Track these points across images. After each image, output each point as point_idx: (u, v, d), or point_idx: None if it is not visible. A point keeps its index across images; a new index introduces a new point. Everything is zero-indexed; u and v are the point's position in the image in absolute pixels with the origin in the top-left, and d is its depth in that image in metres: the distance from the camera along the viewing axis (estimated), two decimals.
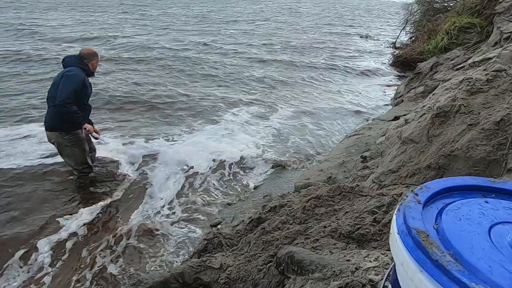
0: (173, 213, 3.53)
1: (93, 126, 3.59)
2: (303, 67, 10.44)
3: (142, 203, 3.61)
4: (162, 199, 3.71)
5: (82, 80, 3.27)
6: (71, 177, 3.82)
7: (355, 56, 12.86)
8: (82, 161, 3.56)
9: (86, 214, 3.33)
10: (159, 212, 3.50)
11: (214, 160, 4.48)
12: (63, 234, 3.06)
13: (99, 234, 3.12)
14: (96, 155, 4.01)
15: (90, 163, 3.68)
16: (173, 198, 3.76)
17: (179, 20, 20.74)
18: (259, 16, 26.23)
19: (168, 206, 3.60)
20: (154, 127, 5.45)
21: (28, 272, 2.69)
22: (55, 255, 2.85)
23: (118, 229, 3.18)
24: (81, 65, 3.36)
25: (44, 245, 2.92)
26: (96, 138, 3.64)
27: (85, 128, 3.39)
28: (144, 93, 6.88)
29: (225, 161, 4.46)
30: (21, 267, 2.72)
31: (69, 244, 2.98)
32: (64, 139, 3.36)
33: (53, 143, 3.45)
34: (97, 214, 3.36)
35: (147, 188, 3.87)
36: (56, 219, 3.22)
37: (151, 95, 6.82)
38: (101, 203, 3.50)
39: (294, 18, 26.55)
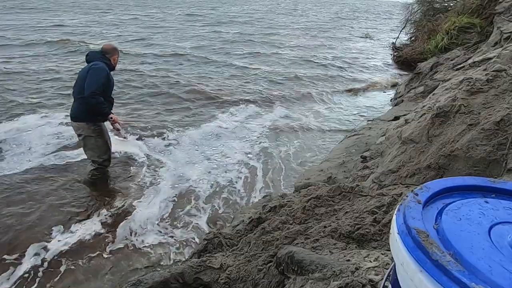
0: (171, 216, 3.53)
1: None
2: (298, 74, 9.63)
3: (141, 207, 3.59)
4: (161, 203, 3.70)
5: (107, 73, 3.49)
6: (77, 176, 3.86)
7: (354, 57, 12.82)
8: (104, 153, 3.73)
9: (86, 219, 3.33)
10: (156, 217, 3.48)
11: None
12: (60, 239, 3.05)
13: (96, 242, 3.10)
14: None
15: (110, 157, 3.85)
16: (170, 204, 3.73)
17: (168, 21, 19.55)
18: (255, 17, 25.58)
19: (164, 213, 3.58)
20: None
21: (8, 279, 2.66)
22: (49, 262, 2.83)
23: (114, 236, 3.17)
24: (104, 60, 3.56)
25: (34, 251, 2.89)
26: (118, 130, 3.80)
27: (111, 118, 3.59)
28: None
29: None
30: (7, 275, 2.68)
31: (66, 249, 2.97)
32: (90, 129, 3.55)
33: (79, 135, 3.61)
34: (97, 219, 3.34)
35: (148, 191, 3.87)
36: (54, 226, 3.20)
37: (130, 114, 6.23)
38: (103, 207, 3.50)
39: (291, 19, 26.05)
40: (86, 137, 3.57)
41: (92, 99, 3.35)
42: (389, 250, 0.96)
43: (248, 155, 4.86)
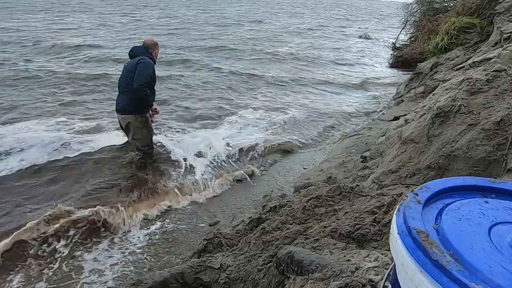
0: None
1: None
2: (294, 81, 8.72)
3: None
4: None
5: (153, 67, 3.74)
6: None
7: (355, 57, 12.80)
8: (148, 143, 3.99)
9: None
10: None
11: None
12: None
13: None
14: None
15: (153, 145, 4.13)
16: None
17: (152, 25, 17.74)
18: (251, 18, 24.84)
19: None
20: None
21: None
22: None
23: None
24: (148, 54, 3.78)
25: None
26: (151, 121, 4.09)
27: (155, 109, 3.93)
28: None
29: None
30: None
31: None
32: (137, 121, 3.78)
33: (125, 126, 3.84)
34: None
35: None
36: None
37: None
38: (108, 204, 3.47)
39: (287, 20, 25.49)
40: (133, 127, 3.80)
41: (141, 92, 3.58)
42: (389, 250, 0.96)
43: None
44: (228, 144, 4.84)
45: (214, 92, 7.47)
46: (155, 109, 3.96)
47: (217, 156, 4.59)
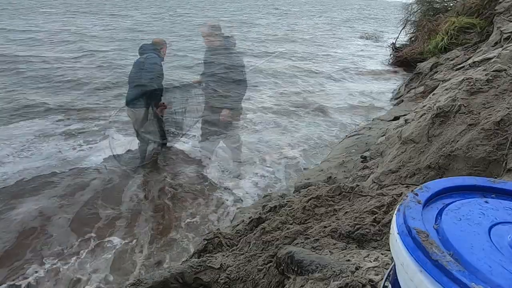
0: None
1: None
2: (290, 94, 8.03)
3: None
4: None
5: (161, 63, 3.98)
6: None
7: (354, 58, 12.79)
8: (161, 133, 4.23)
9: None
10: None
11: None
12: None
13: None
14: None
15: (166, 137, 4.41)
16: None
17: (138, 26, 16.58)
18: (248, 17, 24.45)
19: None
20: None
21: None
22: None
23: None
24: (156, 52, 4.04)
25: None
26: (162, 116, 4.26)
27: (163, 103, 4.14)
28: None
29: None
30: None
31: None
32: (147, 114, 4.01)
33: (135, 120, 4.00)
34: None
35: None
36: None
37: None
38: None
39: (285, 20, 25.19)
40: (144, 120, 3.98)
41: (150, 86, 3.80)
42: (389, 250, 0.96)
43: None
44: None
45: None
46: (163, 103, 4.10)
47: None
